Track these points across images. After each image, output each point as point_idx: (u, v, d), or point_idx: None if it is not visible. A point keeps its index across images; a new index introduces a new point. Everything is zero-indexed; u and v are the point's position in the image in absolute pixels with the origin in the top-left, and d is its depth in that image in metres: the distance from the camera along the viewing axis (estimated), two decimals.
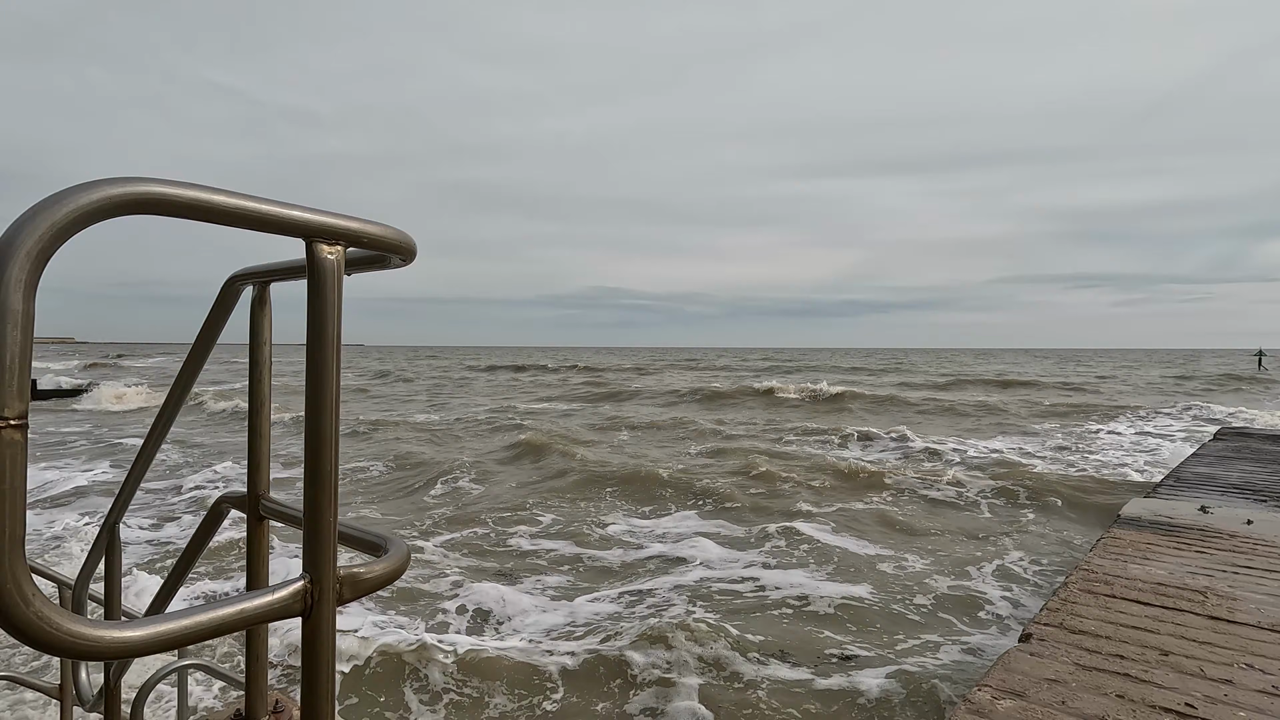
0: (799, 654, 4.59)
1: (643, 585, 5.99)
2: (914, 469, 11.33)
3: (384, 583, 0.71)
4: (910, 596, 5.67)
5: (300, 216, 0.62)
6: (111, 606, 1.44)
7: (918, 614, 5.33)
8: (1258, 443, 10.31)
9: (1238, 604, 3.71)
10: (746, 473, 10.87)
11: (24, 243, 0.46)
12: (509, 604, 5.50)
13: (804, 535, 7.51)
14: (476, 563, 6.68)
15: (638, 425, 17.94)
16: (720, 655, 4.46)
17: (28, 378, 0.46)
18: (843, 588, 5.85)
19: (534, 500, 9.31)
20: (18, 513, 0.47)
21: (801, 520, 8.07)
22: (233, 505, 1.08)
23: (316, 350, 0.64)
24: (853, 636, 4.90)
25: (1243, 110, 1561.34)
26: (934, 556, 6.83)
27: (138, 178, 0.52)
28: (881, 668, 4.33)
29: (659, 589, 5.85)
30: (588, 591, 5.89)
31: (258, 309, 0.99)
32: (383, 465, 11.94)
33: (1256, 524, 5.40)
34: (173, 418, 1.12)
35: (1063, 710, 2.61)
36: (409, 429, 16.89)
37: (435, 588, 5.89)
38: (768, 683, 4.19)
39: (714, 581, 6.03)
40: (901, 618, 5.25)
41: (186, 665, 1.56)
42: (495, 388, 33.39)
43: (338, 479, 0.67)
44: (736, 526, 7.99)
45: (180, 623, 0.55)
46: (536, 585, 6.03)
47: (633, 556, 6.87)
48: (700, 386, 30.35)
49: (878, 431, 15.77)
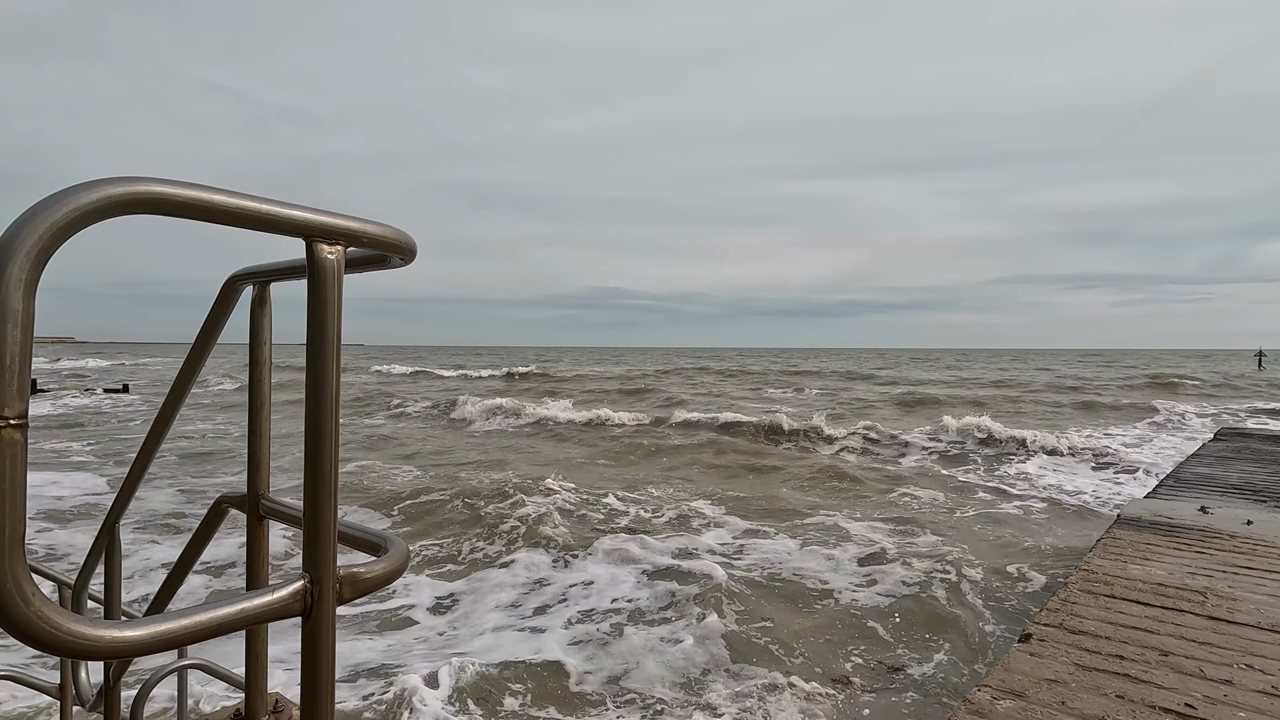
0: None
1: None
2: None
3: (384, 582, 0.71)
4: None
5: (300, 216, 0.62)
6: (111, 606, 1.44)
7: None
8: (1257, 443, 10.31)
9: (1238, 604, 3.70)
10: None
11: (24, 242, 0.46)
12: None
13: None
14: None
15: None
16: None
17: (28, 378, 0.46)
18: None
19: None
20: (18, 512, 0.47)
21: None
22: (233, 505, 1.08)
23: (316, 350, 0.64)
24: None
25: (1241, 110, 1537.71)
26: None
27: (138, 178, 0.52)
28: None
29: None
30: None
31: (258, 309, 0.99)
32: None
33: (1256, 524, 5.40)
34: (173, 417, 1.12)
35: (1063, 710, 2.61)
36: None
37: None
38: None
39: None
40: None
41: (186, 665, 1.56)
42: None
43: (338, 479, 0.67)
44: None
45: (180, 622, 0.55)
46: None
47: None
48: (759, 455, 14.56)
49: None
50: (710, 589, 5.76)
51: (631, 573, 6.33)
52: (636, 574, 6.30)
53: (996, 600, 5.78)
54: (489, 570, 6.57)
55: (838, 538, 7.63)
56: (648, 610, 5.45)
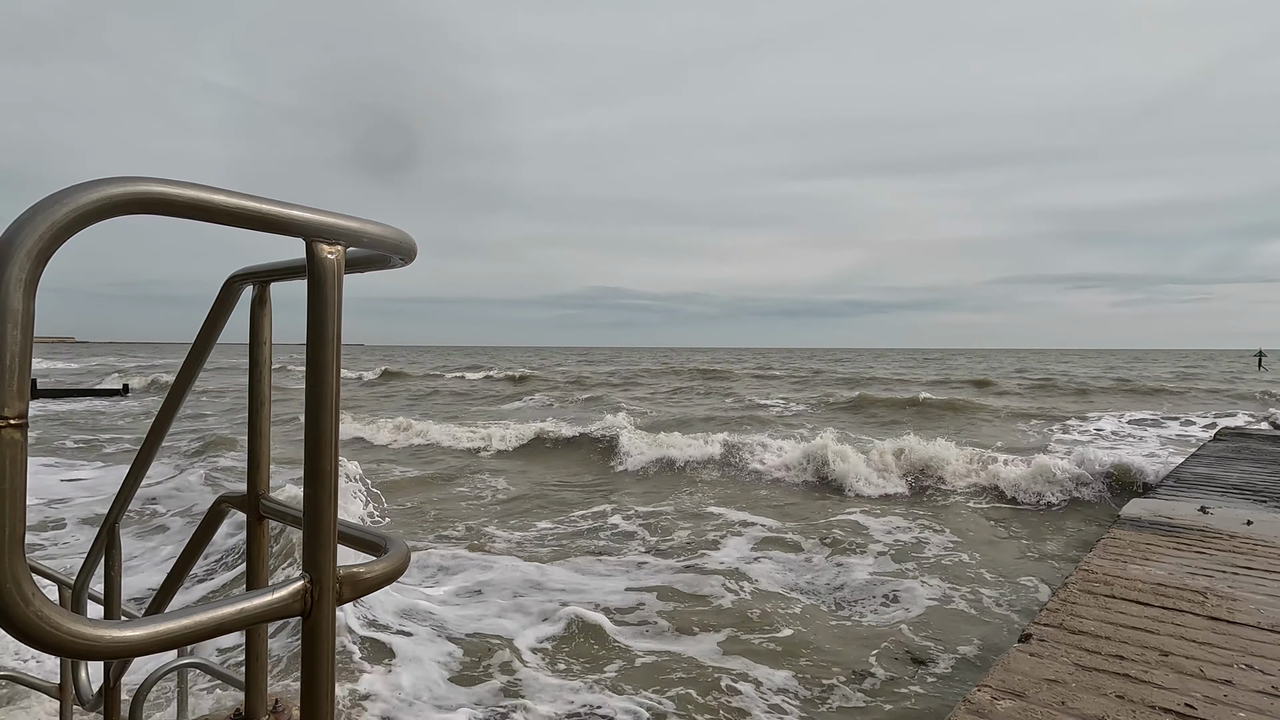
0: None
1: None
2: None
3: (384, 582, 0.71)
4: None
5: (300, 216, 0.62)
6: (111, 606, 1.44)
7: None
8: (1257, 443, 10.32)
9: (1237, 604, 3.71)
10: None
11: (24, 242, 0.46)
12: None
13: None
14: None
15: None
16: None
17: (28, 378, 0.46)
18: None
19: None
20: (18, 512, 0.47)
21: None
22: (233, 505, 1.08)
23: (316, 350, 0.65)
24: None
25: (1241, 110, 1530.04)
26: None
27: (138, 178, 0.52)
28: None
29: None
30: None
31: (258, 309, 0.99)
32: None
33: (1256, 524, 5.40)
34: (172, 417, 1.12)
35: (1062, 710, 2.61)
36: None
37: None
38: None
39: None
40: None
41: (186, 665, 1.56)
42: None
43: (338, 479, 0.67)
44: None
45: (180, 622, 0.55)
46: None
47: None
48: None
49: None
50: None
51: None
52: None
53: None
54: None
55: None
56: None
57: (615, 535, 7.65)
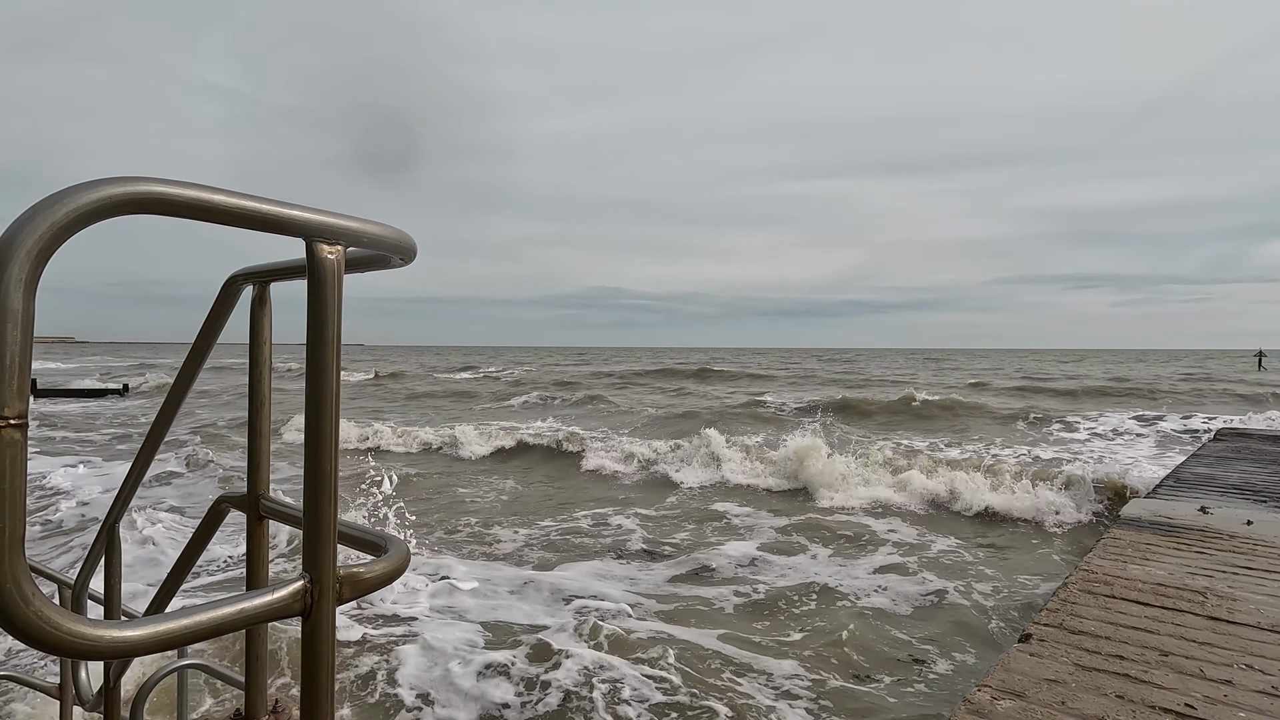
0: None
1: None
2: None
3: (384, 582, 0.71)
4: None
5: (300, 216, 0.62)
6: (111, 606, 1.44)
7: None
8: (1257, 443, 10.31)
9: (1237, 605, 3.70)
10: None
11: (24, 242, 0.46)
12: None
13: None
14: None
15: None
16: None
17: (28, 377, 0.46)
18: None
19: None
20: (18, 512, 0.47)
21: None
22: (233, 505, 1.08)
23: (316, 350, 0.64)
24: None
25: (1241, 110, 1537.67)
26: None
27: (138, 178, 0.52)
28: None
29: None
30: None
31: (258, 309, 0.99)
32: None
33: (1256, 525, 5.40)
34: (172, 417, 1.12)
35: (1062, 710, 2.61)
36: None
37: None
38: None
39: None
40: None
41: (186, 665, 1.56)
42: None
43: (337, 479, 0.67)
44: None
45: (180, 622, 0.55)
46: None
47: None
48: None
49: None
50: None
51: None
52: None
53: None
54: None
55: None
56: None
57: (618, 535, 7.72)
